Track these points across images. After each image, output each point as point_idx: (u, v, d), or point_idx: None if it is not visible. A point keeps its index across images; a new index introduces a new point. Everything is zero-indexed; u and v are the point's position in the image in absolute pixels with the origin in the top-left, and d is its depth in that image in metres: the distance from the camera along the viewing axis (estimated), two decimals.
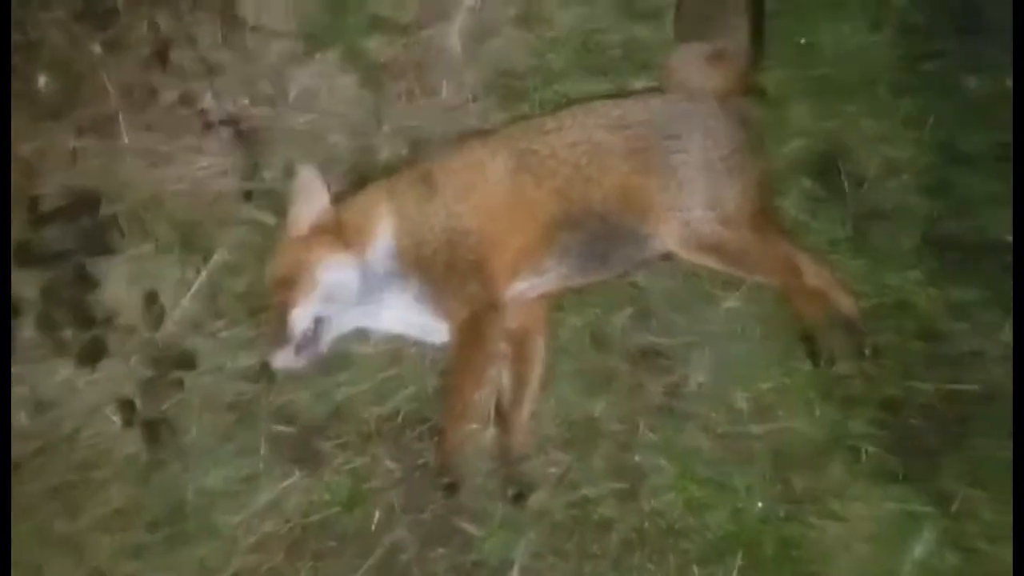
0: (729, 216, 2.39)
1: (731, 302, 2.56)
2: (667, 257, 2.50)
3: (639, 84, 2.71)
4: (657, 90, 2.60)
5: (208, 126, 2.60)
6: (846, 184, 2.69)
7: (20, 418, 2.27)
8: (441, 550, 2.30)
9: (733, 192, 2.40)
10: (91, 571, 2.19)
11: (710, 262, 2.42)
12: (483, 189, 2.36)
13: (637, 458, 2.39)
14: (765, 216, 2.49)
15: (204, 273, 2.39)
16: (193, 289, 2.39)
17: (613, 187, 2.37)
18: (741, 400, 2.47)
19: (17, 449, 2.25)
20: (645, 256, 2.49)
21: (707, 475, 2.36)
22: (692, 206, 2.37)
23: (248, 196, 2.54)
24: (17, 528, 2.18)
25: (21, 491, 2.22)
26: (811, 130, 2.72)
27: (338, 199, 2.40)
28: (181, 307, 2.38)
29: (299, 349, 2.28)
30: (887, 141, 2.70)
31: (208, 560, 2.24)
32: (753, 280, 2.53)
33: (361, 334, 2.48)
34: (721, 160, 2.40)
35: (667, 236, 2.40)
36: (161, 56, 2.57)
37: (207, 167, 2.59)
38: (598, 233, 2.39)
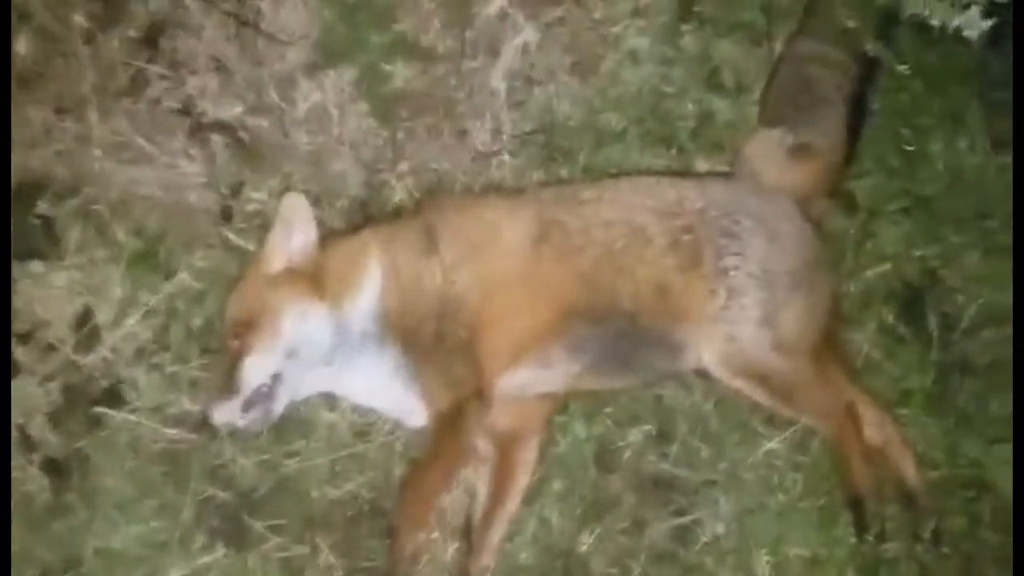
0: (784, 340, 2.50)
1: (771, 443, 2.67)
2: (703, 375, 2.61)
3: (705, 166, 2.86)
4: (725, 176, 2.76)
5: (196, 129, 2.77)
6: (934, 326, 2.79)
7: None
8: None
9: (794, 313, 2.53)
10: None
11: (752, 391, 2.52)
12: (491, 256, 2.51)
13: None
14: (829, 348, 2.63)
15: (162, 295, 2.54)
16: (142, 312, 2.54)
17: (648, 282, 2.50)
18: (762, 564, 2.57)
19: None
20: (676, 368, 2.61)
21: None
22: (741, 321, 2.48)
23: (228, 215, 2.71)
24: None
25: None
26: (902, 255, 2.85)
27: (327, 239, 2.56)
28: (124, 331, 2.53)
29: (248, 406, 2.42)
30: (992, 283, 2.80)
31: None
32: (802, 422, 2.60)
33: (328, 399, 2.64)
34: (786, 272, 2.53)
35: (706, 351, 2.52)
36: (152, 41, 2.70)
37: (186, 175, 2.77)
38: (622, 332, 2.52)
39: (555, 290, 2.48)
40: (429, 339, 2.44)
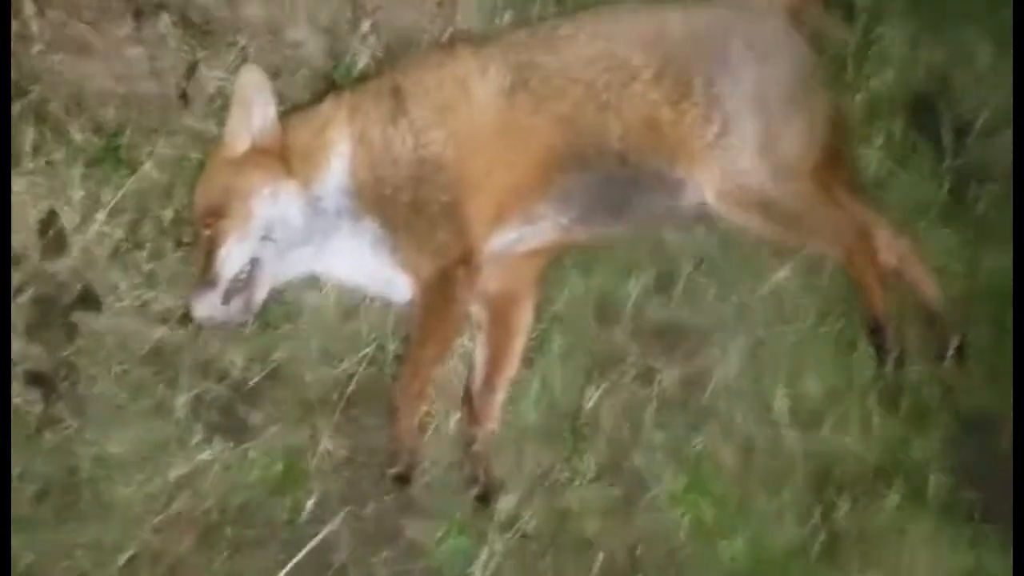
0: (785, 165, 2.38)
1: (781, 273, 2.57)
2: (701, 211, 2.49)
3: None
4: None
5: (140, 12, 2.62)
6: (946, 133, 2.68)
7: None
8: (384, 553, 2.39)
9: (793, 134, 2.40)
10: None
11: (755, 222, 2.42)
12: (465, 111, 2.37)
13: (637, 462, 2.45)
14: (834, 167, 2.50)
15: (128, 190, 2.43)
16: (108, 208, 2.44)
17: (637, 118, 2.37)
18: (780, 401, 2.49)
19: None
20: (673, 208, 2.48)
21: (724, 492, 2.42)
22: (739, 150, 2.37)
23: (186, 100, 2.57)
24: None
25: None
26: (908, 60, 2.72)
27: (290, 113, 2.44)
28: (92, 233, 2.43)
29: (228, 296, 2.35)
30: (1007, 83, 2.62)
31: (102, 540, 2.35)
32: (811, 249, 2.48)
33: (312, 282, 2.55)
34: (781, 92, 2.40)
35: (703, 184, 2.41)
36: None
37: (137, 62, 2.63)
38: (613, 176, 2.40)
39: (535, 139, 2.36)
40: (406, 208, 2.35)
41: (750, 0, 2.55)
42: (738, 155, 2.38)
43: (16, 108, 2.48)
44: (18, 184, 2.44)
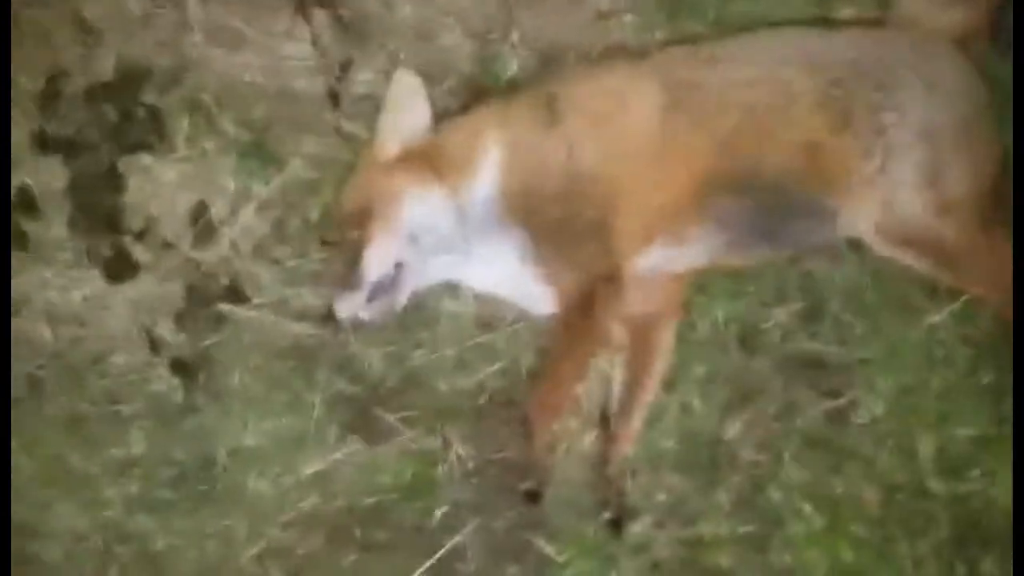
0: (949, 202, 2.26)
1: (935, 317, 2.46)
2: (855, 245, 2.42)
3: (850, 11, 2.58)
4: (874, 22, 2.50)
5: (300, 7, 2.62)
6: None
7: (41, 330, 2.42)
8: (511, 568, 2.38)
9: (959, 171, 2.28)
10: (99, 521, 2.35)
11: (912, 259, 2.30)
12: (621, 125, 2.33)
13: (775, 498, 2.38)
14: (1000, 209, 2.35)
15: (275, 186, 2.44)
16: (255, 204, 2.45)
17: (797, 145, 2.29)
18: (926, 446, 2.39)
19: (36, 366, 2.42)
20: (825, 239, 2.41)
21: (864, 535, 2.33)
22: (900, 183, 2.25)
23: (336, 100, 2.58)
24: (29, 455, 2.36)
25: (38, 416, 2.39)
26: None
27: (440, 119, 2.43)
28: (239, 226, 2.45)
29: (371, 297, 2.35)
30: None
31: (234, 530, 2.39)
32: (968, 291, 2.41)
33: (451, 289, 2.54)
34: (949, 125, 2.27)
35: (860, 217, 2.29)
36: None
37: (292, 58, 2.64)
38: (768, 203, 2.33)
39: (691, 160, 2.29)
40: (555, 220, 2.31)
41: (919, 27, 2.42)
42: (899, 189, 2.28)
43: (170, 96, 2.48)
44: (170, 172, 2.45)
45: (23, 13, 2.47)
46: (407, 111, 2.36)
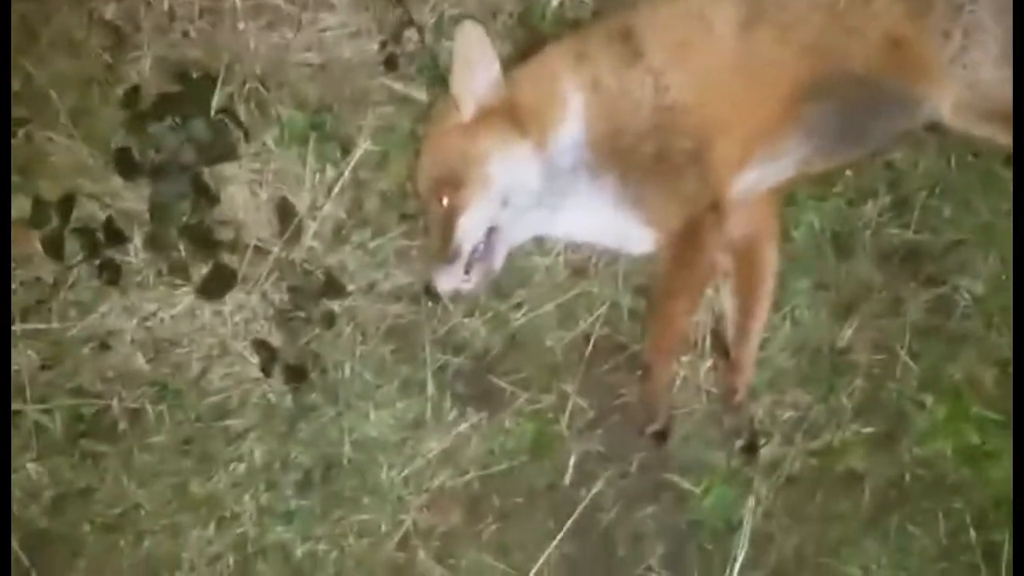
0: None
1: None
2: (932, 128, 2.39)
3: None
4: None
5: None
6: None
7: (137, 360, 2.35)
8: (650, 508, 2.41)
9: None
10: (234, 538, 2.33)
11: (997, 134, 2.28)
12: (705, 49, 2.25)
13: (896, 395, 2.40)
14: None
15: (346, 169, 2.35)
16: (336, 190, 2.36)
17: (880, 38, 2.25)
18: None
19: (137, 397, 2.37)
20: (908, 127, 2.39)
21: (988, 415, 2.37)
22: (981, 61, 2.24)
23: (391, 64, 2.47)
24: (147, 489, 2.32)
25: (146, 445, 2.35)
26: None
27: (512, 69, 2.33)
28: (320, 216, 2.37)
29: (470, 266, 2.29)
30: None
31: (372, 523, 2.39)
32: None
33: (536, 242, 2.49)
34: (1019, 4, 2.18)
35: (943, 100, 2.28)
36: None
37: (336, 27, 2.51)
38: (854, 102, 2.29)
39: (781, 72, 2.24)
40: (650, 158, 2.24)
41: None
42: (980, 67, 2.24)
43: (222, 93, 2.37)
44: (242, 174, 2.35)
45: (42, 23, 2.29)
46: (476, 65, 2.24)
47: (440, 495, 2.40)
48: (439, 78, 2.43)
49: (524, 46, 2.46)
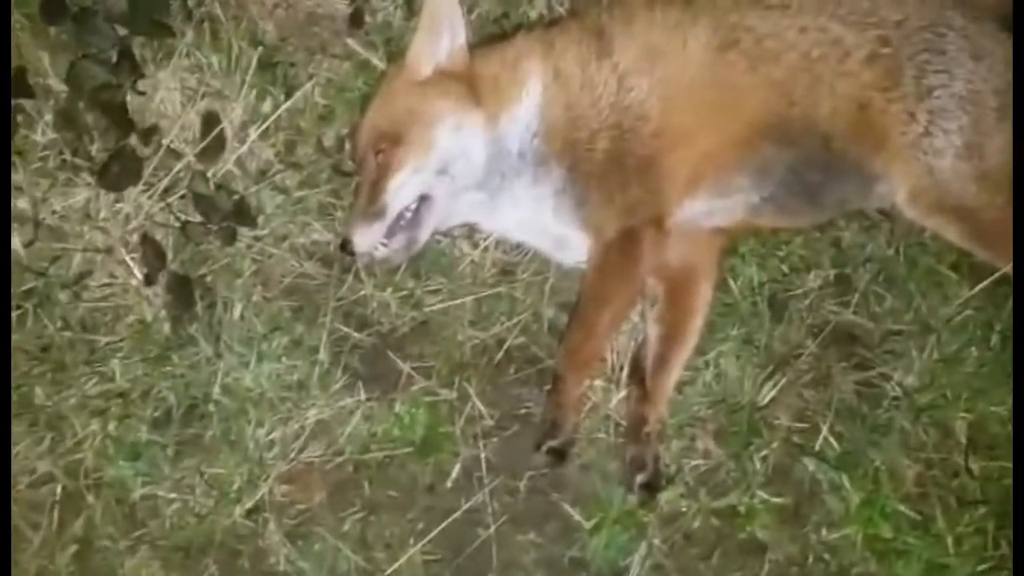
0: (988, 171, 2.23)
1: (966, 291, 2.42)
2: (884, 214, 2.40)
3: None
4: None
5: None
6: None
7: (13, 243, 2.15)
8: (533, 534, 2.24)
9: (1003, 142, 2.24)
10: (69, 464, 2.08)
11: (947, 228, 2.28)
12: (675, 62, 2.24)
13: (811, 469, 2.30)
14: None
15: (283, 108, 2.26)
16: (266, 124, 2.25)
17: (849, 99, 2.25)
18: (960, 424, 2.34)
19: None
20: (860, 204, 2.37)
21: (905, 511, 2.26)
22: (943, 149, 2.23)
23: (357, 23, 2.42)
24: None
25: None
26: None
27: (474, 48, 2.31)
28: (247, 144, 2.25)
29: (392, 231, 2.20)
30: None
31: (225, 479, 2.17)
32: (1001, 267, 2.36)
33: (467, 233, 2.42)
34: (994, 94, 2.24)
35: (898, 184, 2.26)
36: None
37: None
38: (814, 158, 2.28)
39: (747, 101, 2.24)
40: (601, 157, 2.21)
41: None
42: (941, 156, 2.23)
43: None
44: (172, 80, 2.23)
45: None
46: (444, 28, 2.20)
47: (307, 469, 2.21)
48: (401, 52, 2.37)
49: (494, 38, 2.42)
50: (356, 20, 2.40)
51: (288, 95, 2.36)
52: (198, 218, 2.15)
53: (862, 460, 2.31)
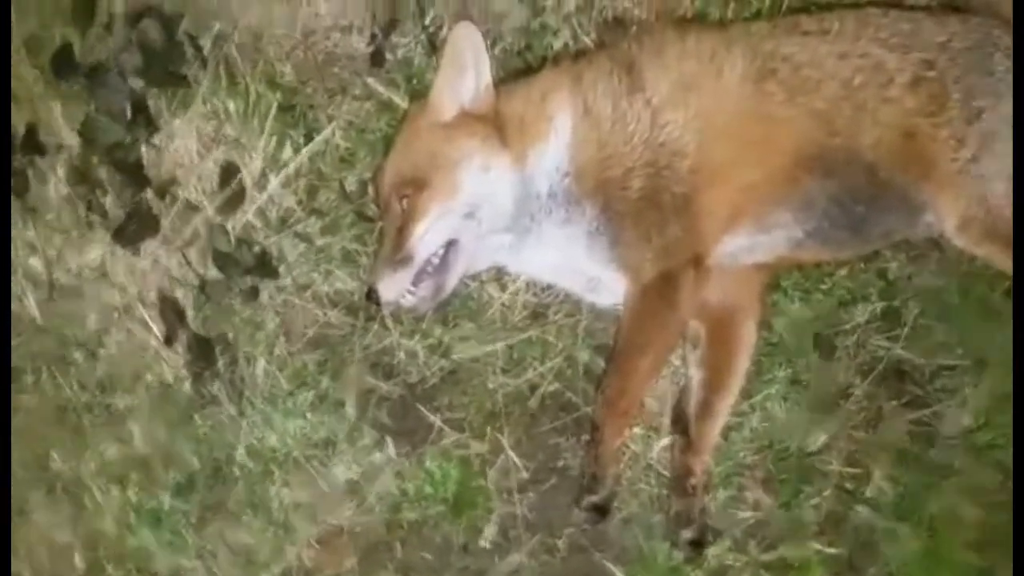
0: None
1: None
2: (934, 244, 2.27)
3: None
4: (954, 9, 2.34)
5: None
6: None
7: (27, 304, 2.05)
8: None
9: None
10: (88, 534, 1.97)
11: (1001, 258, 2.14)
12: (711, 92, 2.12)
13: (865, 515, 2.16)
14: None
15: (304, 154, 2.15)
16: (287, 171, 2.15)
17: (893, 126, 2.12)
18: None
19: (18, 345, 2.05)
20: (907, 234, 2.23)
21: (966, 560, 2.10)
22: (994, 175, 2.09)
23: (378, 61, 2.31)
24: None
25: (15, 403, 2.01)
26: None
27: (500, 84, 2.20)
28: (267, 192, 2.14)
29: (419, 278, 2.09)
30: None
31: (251, 548, 2.07)
32: None
33: (496, 276, 2.30)
34: None
35: (947, 212, 2.13)
36: None
37: (328, 15, 2.39)
38: (858, 189, 2.14)
39: (787, 133, 2.11)
40: (636, 195, 2.10)
41: (1003, 14, 2.28)
42: (993, 181, 2.10)
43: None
44: (189, 127, 2.13)
45: None
46: (468, 67, 2.09)
47: (336, 533, 2.10)
48: (424, 90, 2.26)
49: (519, 72, 2.30)
50: (377, 59, 2.29)
51: (308, 139, 2.24)
52: (217, 273, 2.02)
53: (919, 506, 2.17)
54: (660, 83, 2.13)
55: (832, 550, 2.14)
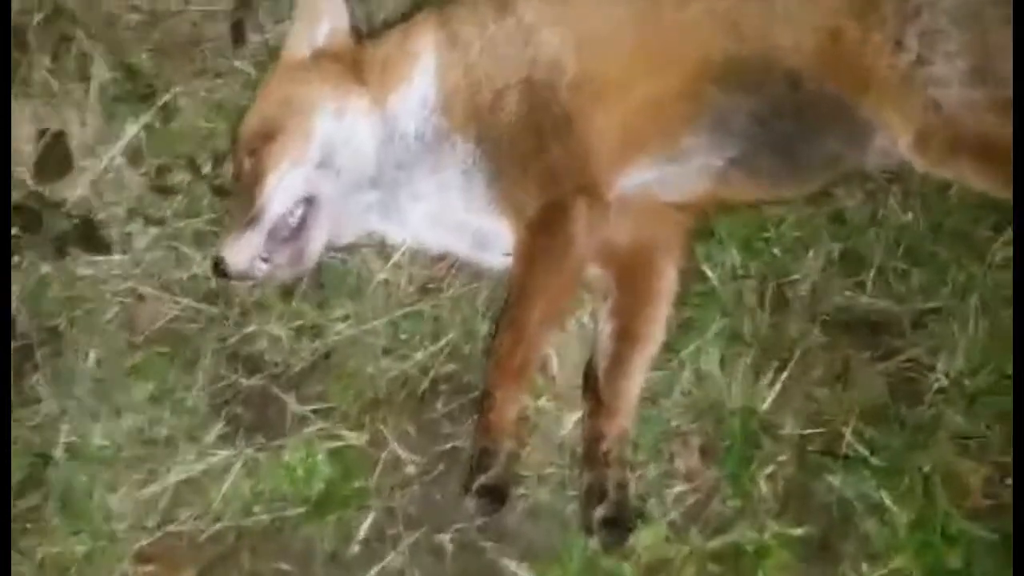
0: (1007, 96, 1.79)
1: (1004, 250, 1.91)
2: (894, 177, 1.97)
3: None
4: None
5: None
6: None
7: None
8: None
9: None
10: None
11: (969, 174, 1.87)
12: (593, 3, 1.92)
13: (836, 484, 1.76)
14: None
15: (148, 118, 1.93)
16: (123, 142, 1.92)
17: (815, 28, 1.87)
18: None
19: None
20: (861, 163, 1.94)
21: (973, 530, 1.70)
22: (944, 77, 1.84)
23: (241, 35, 2.20)
24: None
25: None
26: None
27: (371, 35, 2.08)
28: (106, 165, 1.91)
29: (275, 245, 1.87)
30: None
31: (67, 559, 1.73)
32: None
33: (380, 249, 2.04)
34: (993, 3, 1.84)
35: (898, 128, 1.87)
36: None
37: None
38: (782, 103, 1.90)
39: (685, 41, 1.88)
40: (511, 119, 1.90)
41: None
42: (944, 86, 1.85)
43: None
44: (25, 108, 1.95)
45: None
46: (322, 13, 1.99)
47: (172, 542, 1.76)
48: None
49: None
50: (238, 33, 2.08)
51: (167, 121, 2.02)
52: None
53: (905, 468, 1.76)
54: (530, 2, 1.94)
55: (796, 531, 1.74)
